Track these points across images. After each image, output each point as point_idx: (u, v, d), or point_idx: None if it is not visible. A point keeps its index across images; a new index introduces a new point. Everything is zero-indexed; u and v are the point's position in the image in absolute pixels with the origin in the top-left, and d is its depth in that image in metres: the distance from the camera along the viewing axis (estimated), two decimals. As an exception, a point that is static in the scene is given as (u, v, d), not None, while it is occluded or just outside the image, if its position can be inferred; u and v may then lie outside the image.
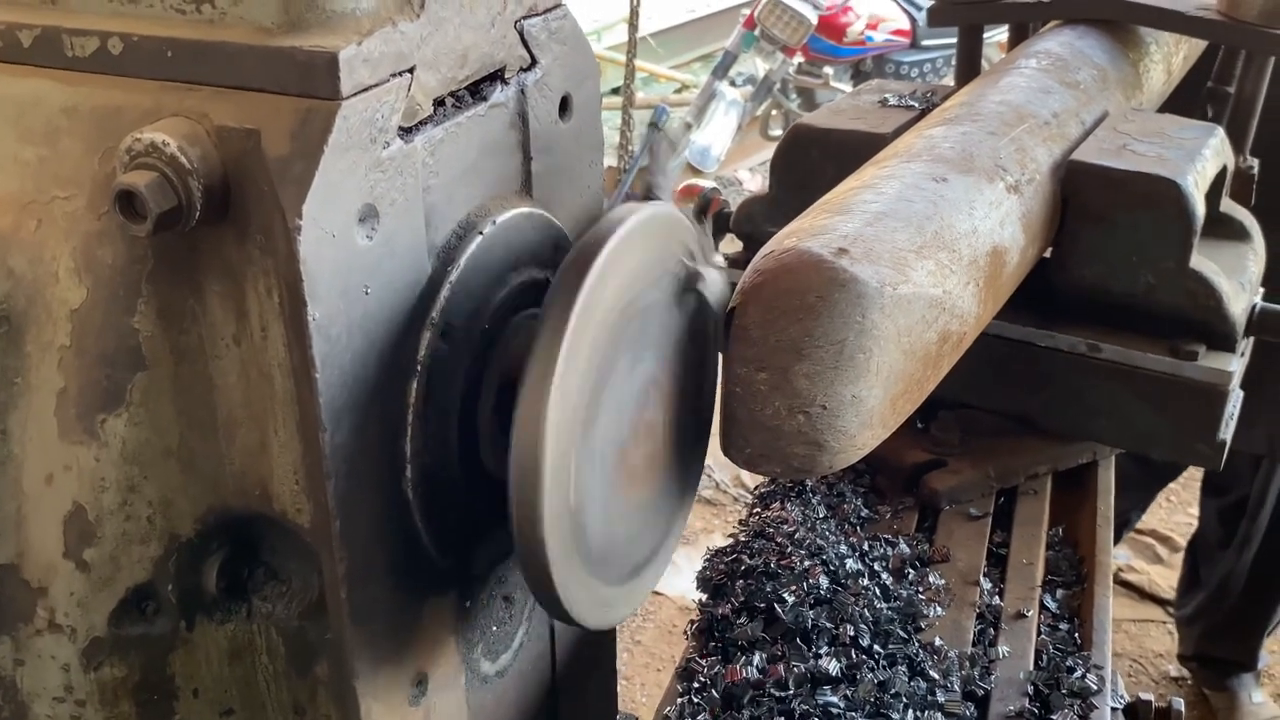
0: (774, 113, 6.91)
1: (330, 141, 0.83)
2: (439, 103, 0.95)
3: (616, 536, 1.02)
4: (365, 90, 0.85)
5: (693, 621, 1.36)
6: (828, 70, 6.76)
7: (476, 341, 1.00)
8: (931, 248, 1.18)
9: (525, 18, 1.03)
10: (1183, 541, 3.90)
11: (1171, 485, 3.75)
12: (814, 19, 6.42)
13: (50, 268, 0.90)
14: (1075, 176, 1.46)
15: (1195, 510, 4.41)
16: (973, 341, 1.28)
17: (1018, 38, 2.09)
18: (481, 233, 1.00)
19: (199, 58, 0.86)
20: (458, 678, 1.11)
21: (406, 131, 0.91)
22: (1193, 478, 3.88)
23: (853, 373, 1.08)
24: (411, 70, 0.90)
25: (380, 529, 0.96)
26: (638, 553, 1.06)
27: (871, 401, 1.11)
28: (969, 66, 2.05)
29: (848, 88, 6.50)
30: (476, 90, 1.00)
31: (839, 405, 1.09)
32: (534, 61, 1.05)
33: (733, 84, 6.50)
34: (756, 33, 6.48)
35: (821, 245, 1.11)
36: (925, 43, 7.03)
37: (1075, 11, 1.90)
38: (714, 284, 1.10)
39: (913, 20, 6.89)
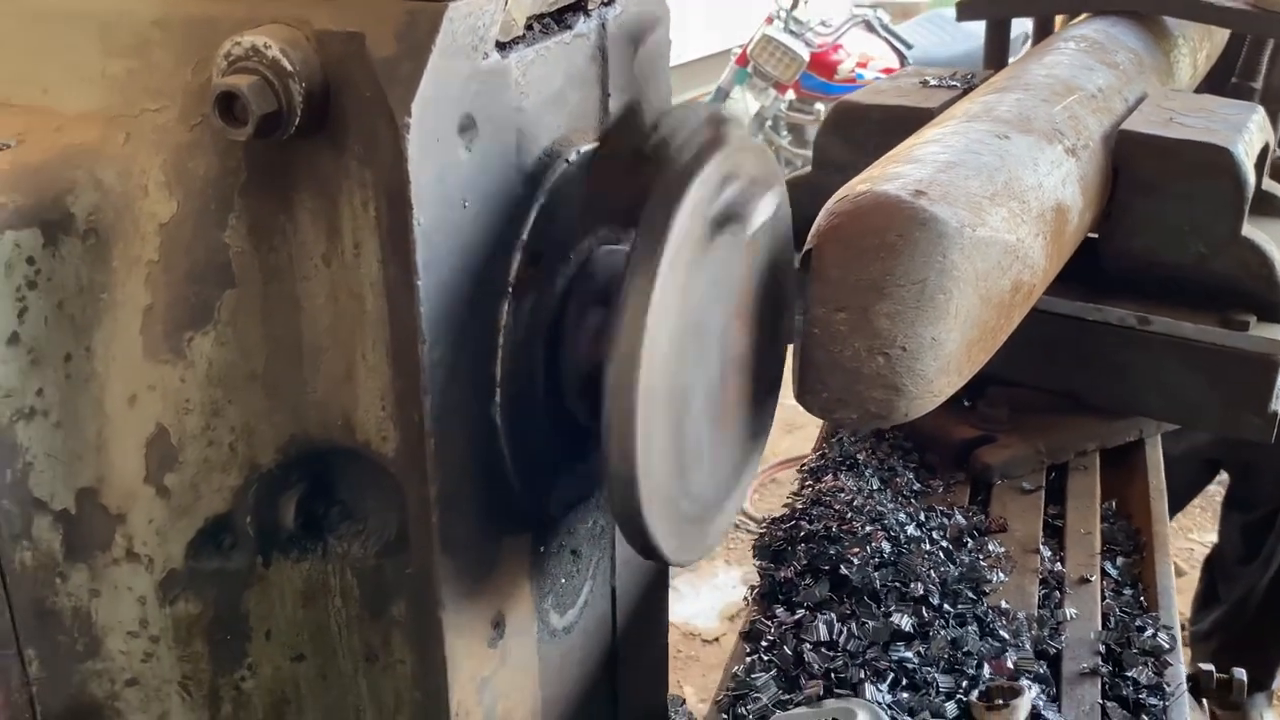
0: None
1: (437, 44, 0.81)
2: (529, 25, 0.95)
3: (704, 472, 1.00)
4: (468, -4, 0.85)
5: (753, 587, 1.33)
6: (819, 107, 6.81)
7: (560, 270, 0.99)
8: (1003, 196, 1.18)
9: (608, -50, 1.03)
10: (1188, 567, 3.90)
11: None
12: (806, 56, 6.49)
13: (139, 181, 0.88)
14: (1126, 145, 1.46)
15: (1196, 536, 4.42)
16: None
17: (1042, 33, 2.11)
18: (568, 161, 0.99)
19: (299, -36, 0.85)
20: (530, 626, 1.09)
21: (502, 47, 0.90)
22: (1198, 503, 3.88)
23: (933, 313, 1.08)
24: (509, -17, 0.89)
25: (469, 455, 0.94)
26: (718, 488, 1.04)
27: (950, 345, 1.10)
28: (997, 62, 2.06)
29: (839, 124, 6.54)
30: (561, 18, 0.99)
31: (919, 347, 1.08)
32: (614, -3, 1.04)
33: None
34: (749, 69, 6.54)
35: (898, 187, 1.11)
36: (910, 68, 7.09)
37: (1106, 4, 1.92)
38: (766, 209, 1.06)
39: (901, 58, 6.96)
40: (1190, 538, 4.40)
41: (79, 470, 0.90)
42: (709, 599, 4.17)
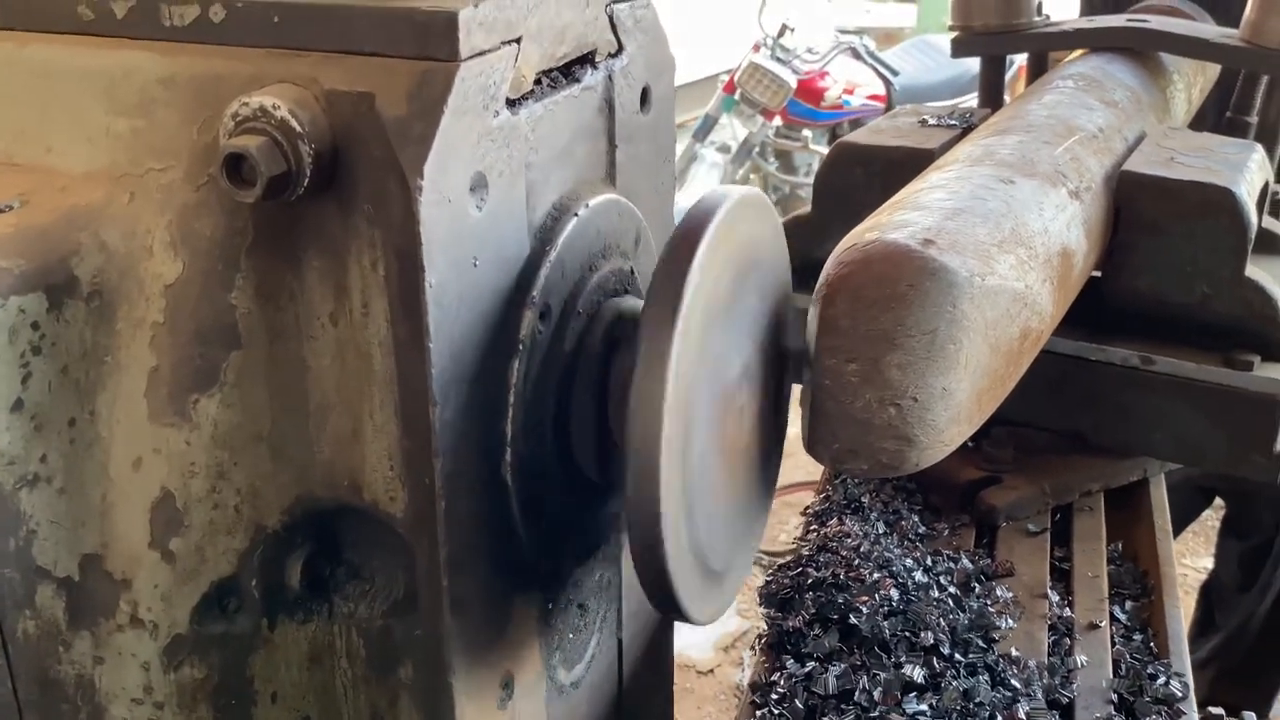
0: (752, 176, 6.97)
1: (449, 103, 0.81)
2: (538, 80, 0.94)
3: (716, 528, 0.99)
4: (480, 55, 0.84)
5: (761, 636, 1.32)
6: (806, 133, 6.84)
7: (572, 324, 0.98)
8: (1010, 243, 1.17)
9: (614, 2, 1.02)
10: (1183, 593, 3.89)
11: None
12: (793, 83, 6.51)
13: (144, 241, 0.87)
14: (1128, 186, 1.46)
15: (1190, 561, 4.41)
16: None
17: (1037, 69, 2.11)
18: (577, 214, 0.98)
19: (308, 22, 0.84)
20: (539, 684, 1.07)
21: (512, 104, 0.89)
22: (1193, 528, 3.88)
23: (944, 363, 1.06)
24: (518, 40, 0.88)
25: (480, 515, 0.92)
26: (734, 542, 1.03)
27: (960, 395, 1.09)
28: (993, 98, 2.06)
29: (826, 151, 6.57)
30: (569, 72, 0.98)
31: (930, 397, 1.07)
32: (621, 48, 1.04)
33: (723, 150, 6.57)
34: (736, 96, 6.56)
35: (907, 236, 1.10)
36: (898, 107, 7.13)
37: (1100, 40, 1.92)
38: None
39: (888, 84, 6.99)
40: (1184, 563, 4.40)
41: (83, 536, 0.88)
42: (703, 630, 4.14)
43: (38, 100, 0.91)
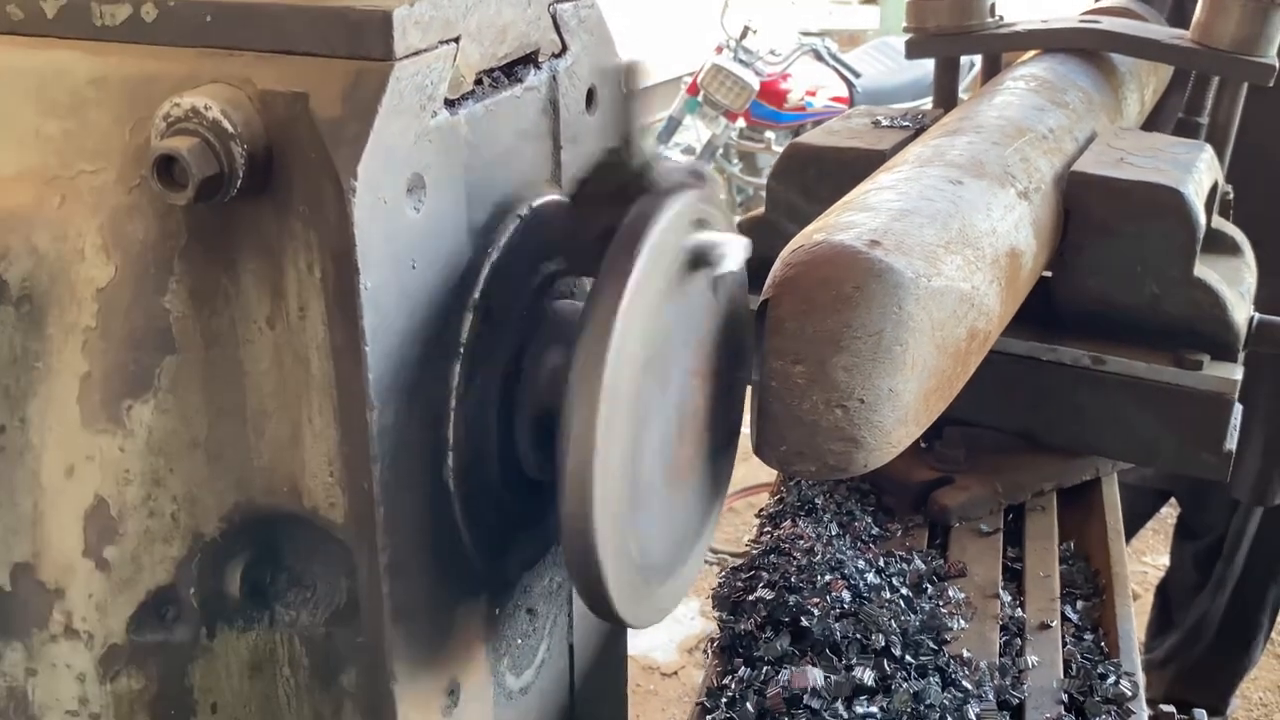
0: (716, 177, 6.96)
1: (384, 103, 0.80)
2: (478, 80, 0.93)
3: (661, 534, 0.98)
4: (416, 54, 0.83)
5: (713, 639, 1.31)
6: (769, 135, 6.83)
7: (513, 328, 0.97)
8: (957, 244, 1.17)
9: (557, 1, 1.01)
10: (1141, 590, 3.91)
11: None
12: (756, 85, 6.51)
13: (76, 245, 0.85)
14: (1078, 187, 1.46)
15: (1150, 559, 4.44)
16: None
17: (990, 70, 2.12)
18: (520, 216, 0.97)
19: (241, 21, 0.83)
20: (486, 690, 1.06)
21: (451, 104, 0.88)
22: (1150, 525, 3.91)
23: (890, 365, 1.06)
24: (457, 40, 0.88)
25: (421, 521, 0.91)
26: (679, 546, 1.03)
27: (907, 396, 1.09)
28: (946, 99, 2.06)
29: (790, 152, 6.57)
30: (511, 72, 0.98)
31: (876, 399, 1.06)
32: (564, 48, 1.03)
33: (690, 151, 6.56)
34: (700, 98, 6.55)
35: (853, 237, 1.10)
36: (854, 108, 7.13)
37: (1054, 41, 1.93)
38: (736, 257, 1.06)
39: (850, 86, 7.00)
40: (1144, 560, 4.43)
41: (14, 545, 0.87)
42: (667, 631, 4.14)
43: (-35, 101, 0.89)
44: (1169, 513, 3.72)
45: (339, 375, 0.85)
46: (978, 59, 2.47)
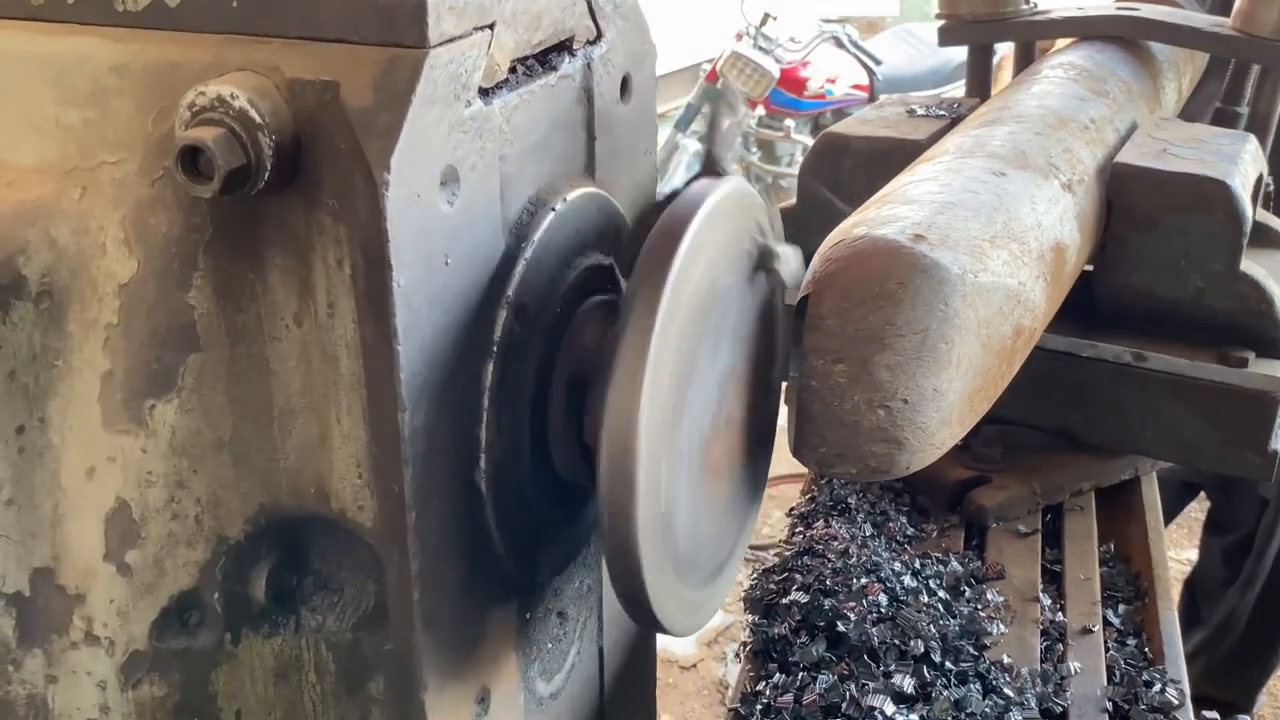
0: (735, 166, 6.92)
1: (417, 93, 0.76)
2: (512, 68, 0.89)
3: (700, 536, 0.95)
4: (450, 41, 0.79)
5: (745, 644, 1.28)
6: (789, 123, 6.79)
7: (548, 325, 0.94)
8: (1003, 238, 1.13)
9: (593, -14, 0.98)
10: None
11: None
12: (776, 72, 6.46)
13: (97, 238, 0.82)
14: (1121, 179, 1.42)
15: (1174, 554, 4.40)
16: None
17: (1024, 58, 2.07)
18: (554, 210, 0.94)
19: (269, 7, 0.80)
20: (517, 697, 1.03)
21: (485, 93, 0.85)
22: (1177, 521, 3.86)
23: (935, 364, 1.03)
24: (492, 26, 0.84)
25: (452, 524, 0.88)
26: (717, 553, 0.99)
27: (952, 396, 1.06)
28: (980, 87, 2.02)
29: (809, 140, 6.53)
30: (545, 60, 0.94)
31: (920, 399, 1.03)
32: (599, 34, 0.99)
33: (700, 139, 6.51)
34: (719, 85, 6.50)
35: (897, 232, 1.06)
36: (883, 96, 7.09)
37: (1090, 28, 1.89)
38: (789, 261, 1.04)
39: (870, 74, 6.95)
40: (1170, 556, 4.39)
41: (33, 549, 0.84)
42: (686, 625, 4.10)
43: (-17, 89, 0.86)
44: (1195, 507, 3.68)
45: (369, 375, 0.82)
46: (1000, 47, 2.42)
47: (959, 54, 2.07)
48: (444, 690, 0.91)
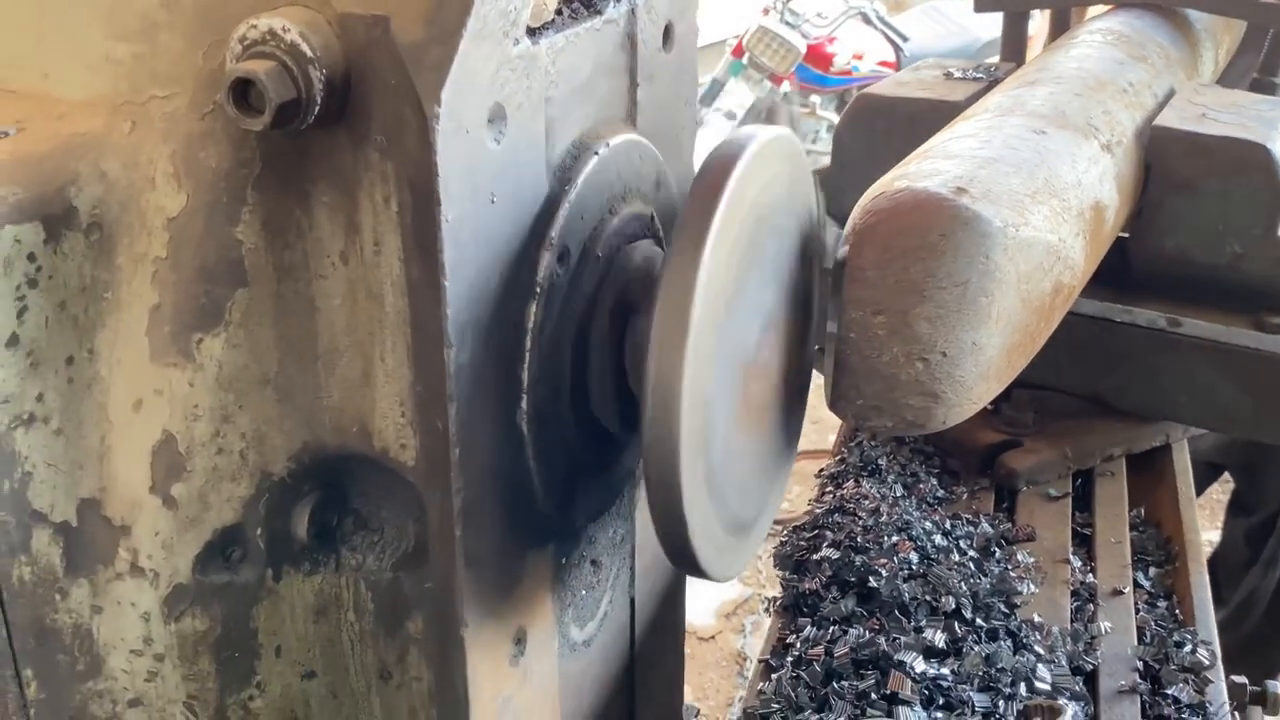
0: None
1: (468, 28, 0.76)
2: (559, 10, 0.89)
3: (734, 475, 0.95)
4: (500, -23, 0.79)
5: (775, 598, 1.29)
6: (815, 99, 6.76)
7: (590, 269, 0.94)
8: (1044, 194, 1.13)
9: (639, -69, 0.97)
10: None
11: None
12: (803, 48, 6.43)
13: (146, 172, 0.82)
14: (1160, 142, 1.42)
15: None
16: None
17: (1059, 26, 2.06)
18: (597, 153, 0.94)
19: (321, -60, 0.80)
20: (551, 641, 1.04)
21: (532, 33, 0.85)
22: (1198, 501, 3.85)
23: (975, 317, 1.03)
24: (541, -35, 0.84)
25: (494, 464, 0.89)
26: (749, 502, 1.00)
27: (990, 350, 1.06)
28: (1016, 54, 2.01)
29: (835, 117, 6.51)
30: (591, 3, 0.94)
31: (959, 352, 1.03)
32: (644, -20, 0.99)
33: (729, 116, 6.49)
34: (745, 61, 6.48)
35: (939, 184, 1.06)
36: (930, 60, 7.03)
37: (1128, -5, 1.87)
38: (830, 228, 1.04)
39: (897, 50, 6.91)
40: (1188, 537, 4.37)
41: (81, 480, 0.85)
42: (705, 596, 4.12)
43: (33, 23, 0.86)
44: (1217, 488, 3.67)
45: (414, 313, 0.82)
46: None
47: (986, 31, 2.06)
48: (483, 628, 0.91)
